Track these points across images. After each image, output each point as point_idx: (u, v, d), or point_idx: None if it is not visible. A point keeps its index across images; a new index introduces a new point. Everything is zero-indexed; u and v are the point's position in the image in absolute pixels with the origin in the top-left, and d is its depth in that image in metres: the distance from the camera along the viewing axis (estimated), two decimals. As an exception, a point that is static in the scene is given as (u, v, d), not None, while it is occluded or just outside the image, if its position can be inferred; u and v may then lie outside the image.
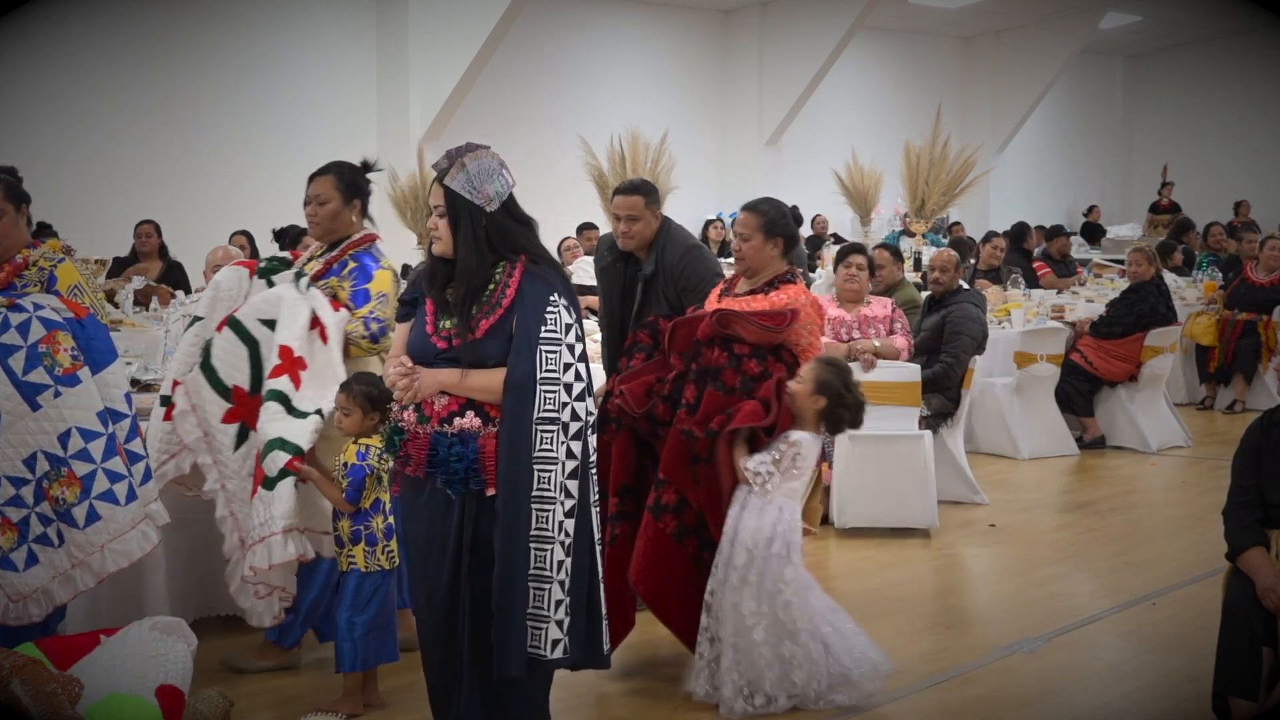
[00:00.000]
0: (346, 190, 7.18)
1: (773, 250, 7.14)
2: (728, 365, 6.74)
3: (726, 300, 7.14)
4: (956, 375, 10.98)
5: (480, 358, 5.26)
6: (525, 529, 5.12)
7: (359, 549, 6.38)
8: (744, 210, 7.23)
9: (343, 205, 7.16)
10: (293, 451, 6.38)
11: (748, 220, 7.13)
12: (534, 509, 5.12)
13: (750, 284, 7.16)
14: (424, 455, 5.31)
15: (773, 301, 7.01)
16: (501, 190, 5.33)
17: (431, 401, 5.32)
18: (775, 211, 7.19)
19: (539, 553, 5.12)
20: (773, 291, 7.08)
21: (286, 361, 6.59)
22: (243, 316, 6.79)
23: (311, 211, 7.22)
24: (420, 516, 5.45)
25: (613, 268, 8.35)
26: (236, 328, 6.77)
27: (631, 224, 8.04)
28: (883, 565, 9.38)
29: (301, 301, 6.74)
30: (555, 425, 5.14)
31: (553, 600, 5.12)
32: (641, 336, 7.23)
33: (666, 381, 6.84)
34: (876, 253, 12.03)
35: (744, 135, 25.49)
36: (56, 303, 6.24)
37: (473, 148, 5.38)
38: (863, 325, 10.52)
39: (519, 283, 5.29)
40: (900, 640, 7.77)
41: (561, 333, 5.21)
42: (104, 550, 6.14)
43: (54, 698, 5.05)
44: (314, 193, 7.21)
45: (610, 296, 8.43)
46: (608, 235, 8.60)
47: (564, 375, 5.17)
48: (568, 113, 22.44)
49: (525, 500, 5.12)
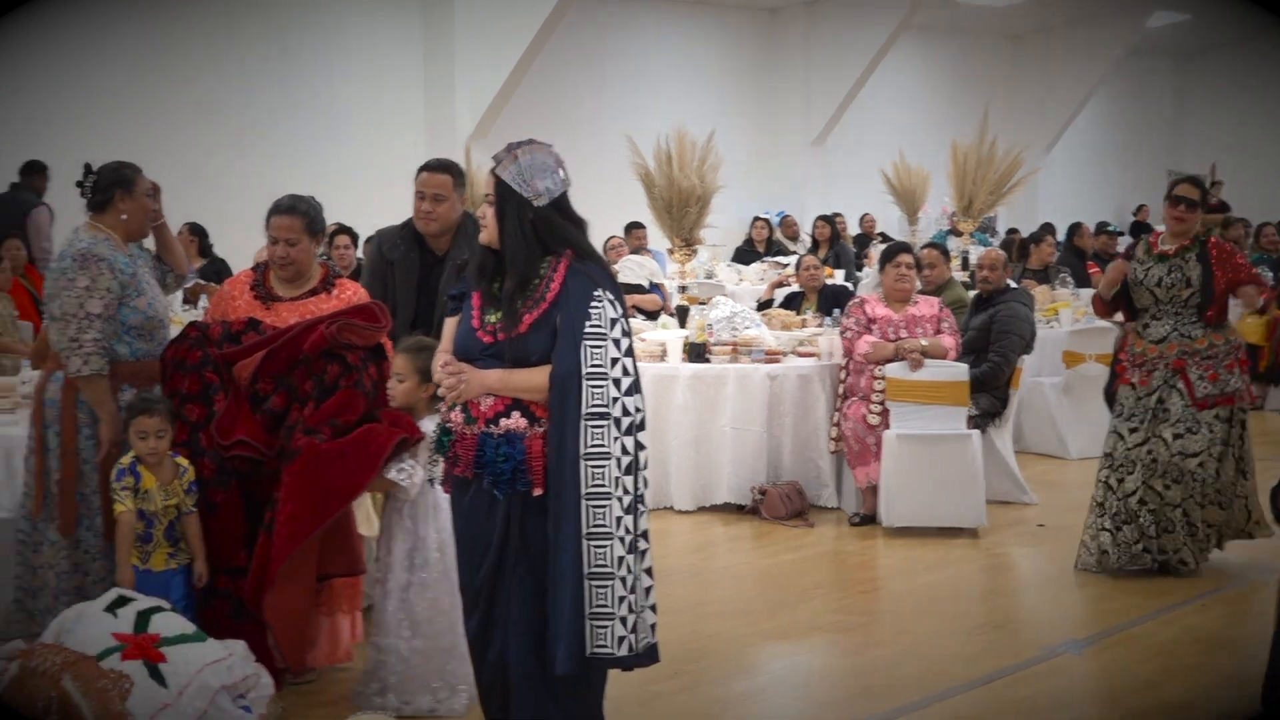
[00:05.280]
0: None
1: (316, 249, 7.05)
2: (341, 377, 6.60)
3: (280, 306, 6.95)
4: (1004, 374, 10.95)
5: (524, 353, 5.24)
6: (577, 525, 5.10)
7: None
8: (285, 215, 6.98)
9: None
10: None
11: (293, 224, 6.94)
12: (590, 505, 5.09)
13: (300, 287, 7.04)
14: (471, 456, 5.31)
15: (347, 300, 6.96)
16: (552, 187, 5.31)
17: (478, 402, 5.31)
18: (315, 210, 7.06)
19: (598, 550, 5.09)
20: (335, 290, 7.04)
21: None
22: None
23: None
24: (466, 516, 5.45)
25: (406, 257, 7.94)
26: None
27: (437, 204, 7.72)
28: (930, 565, 9.36)
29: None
30: (606, 420, 5.11)
31: (616, 597, 5.09)
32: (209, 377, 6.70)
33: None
34: (924, 252, 12.03)
35: (790, 134, 25.45)
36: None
37: (532, 142, 5.38)
38: (910, 325, 10.51)
39: (563, 278, 5.26)
40: (947, 640, 7.76)
41: (607, 327, 5.18)
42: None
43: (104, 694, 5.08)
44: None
45: (402, 288, 7.94)
46: (388, 228, 8.21)
47: (611, 370, 5.14)
48: (614, 112, 22.43)
49: (575, 496, 5.11)
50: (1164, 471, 8.74)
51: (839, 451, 10.75)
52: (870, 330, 10.54)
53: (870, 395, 10.40)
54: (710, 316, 11.58)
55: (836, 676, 7.37)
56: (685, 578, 9.08)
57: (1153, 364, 8.80)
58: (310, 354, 6.57)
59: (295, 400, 6.57)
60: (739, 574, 9.39)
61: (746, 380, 10.81)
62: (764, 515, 10.55)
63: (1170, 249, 8.80)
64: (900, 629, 8.06)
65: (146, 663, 5.51)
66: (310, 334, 6.57)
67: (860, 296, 11.51)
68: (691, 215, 14.66)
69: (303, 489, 6.29)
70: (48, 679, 5.04)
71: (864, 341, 10.44)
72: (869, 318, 10.60)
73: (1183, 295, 8.72)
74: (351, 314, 6.71)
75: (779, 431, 10.88)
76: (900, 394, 10.15)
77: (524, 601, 5.29)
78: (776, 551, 9.79)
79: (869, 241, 22.83)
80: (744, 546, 10.06)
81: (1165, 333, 8.77)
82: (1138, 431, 8.83)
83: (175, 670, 5.55)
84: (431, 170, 7.77)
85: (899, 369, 10.19)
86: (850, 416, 10.47)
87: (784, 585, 9.00)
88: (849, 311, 10.86)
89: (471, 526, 5.42)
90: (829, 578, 9.34)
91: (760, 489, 10.65)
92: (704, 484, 10.89)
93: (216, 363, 6.65)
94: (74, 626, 5.78)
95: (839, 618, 8.32)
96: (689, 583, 8.99)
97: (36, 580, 6.83)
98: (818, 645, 7.88)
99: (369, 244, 13.18)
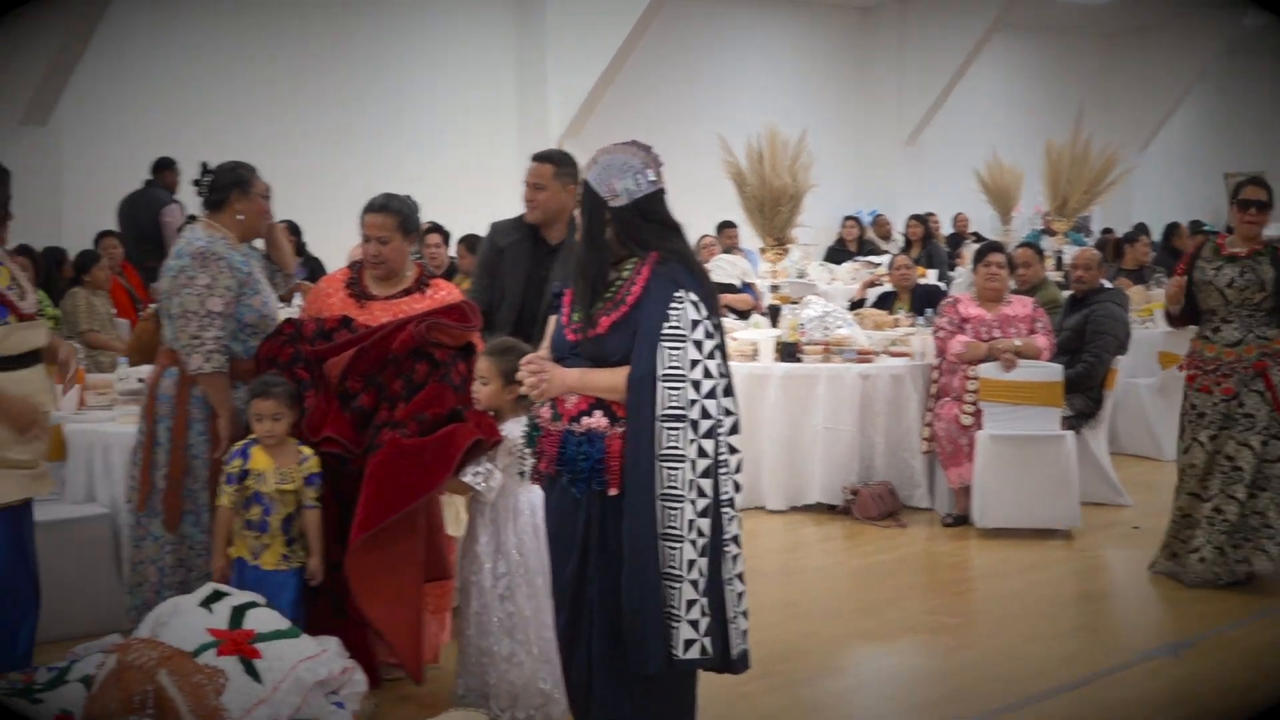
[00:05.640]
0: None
1: (409, 248, 7.05)
2: (429, 376, 6.62)
3: (373, 305, 6.97)
4: (1099, 375, 10.88)
5: (602, 354, 5.24)
6: (650, 526, 5.07)
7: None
8: (377, 213, 7.00)
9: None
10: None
11: (386, 222, 6.95)
12: (664, 507, 5.08)
13: (394, 286, 7.05)
14: (554, 452, 5.32)
15: (440, 300, 6.96)
16: (632, 188, 5.28)
17: (564, 399, 5.32)
18: (409, 209, 7.08)
19: (670, 551, 5.07)
20: (429, 290, 7.04)
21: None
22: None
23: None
24: (554, 513, 5.46)
25: (518, 245, 7.95)
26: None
27: (537, 192, 7.75)
28: (1023, 566, 9.30)
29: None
30: (682, 423, 5.07)
31: (684, 600, 5.05)
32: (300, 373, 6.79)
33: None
34: (1018, 252, 11.95)
35: (883, 133, 25.36)
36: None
37: (628, 144, 5.37)
38: (1003, 324, 10.46)
39: (645, 280, 5.25)
40: (1042, 642, 7.72)
41: (687, 329, 5.15)
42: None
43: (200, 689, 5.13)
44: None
45: (510, 275, 7.93)
46: (504, 219, 8.18)
47: (690, 372, 5.10)
48: (706, 111, 22.39)
49: (649, 497, 5.09)
50: (1251, 479, 8.62)
51: (931, 452, 10.72)
52: (963, 330, 10.49)
53: (963, 395, 10.36)
54: (802, 316, 11.56)
55: (928, 678, 7.34)
56: (776, 578, 9.07)
57: (1230, 368, 8.67)
58: (399, 353, 6.61)
59: (384, 399, 6.60)
60: (830, 574, 9.38)
61: (838, 380, 10.80)
62: (856, 515, 10.53)
63: (1241, 251, 8.68)
64: (993, 631, 8.02)
65: (242, 658, 5.55)
66: (400, 333, 6.60)
67: (953, 296, 11.47)
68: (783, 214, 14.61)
69: (381, 480, 6.33)
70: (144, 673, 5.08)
71: (957, 341, 10.40)
72: (962, 317, 10.55)
73: (1255, 298, 8.59)
74: (441, 313, 6.75)
75: (871, 431, 10.86)
76: (993, 394, 10.11)
77: (604, 601, 5.29)
78: (868, 552, 9.77)
79: (962, 241, 22.72)
80: (835, 547, 10.04)
81: (1240, 335, 8.65)
82: (1218, 438, 8.71)
83: (270, 666, 5.59)
84: (535, 160, 7.84)
85: (992, 369, 10.15)
86: (943, 417, 10.43)
87: (875, 586, 8.98)
88: (942, 311, 10.82)
89: (558, 524, 5.43)
90: (921, 579, 9.31)
91: (852, 489, 10.63)
92: (796, 484, 10.88)
93: (308, 360, 6.70)
94: (169, 621, 5.84)
95: (931, 619, 8.29)
96: (780, 583, 8.97)
97: (138, 575, 6.91)
98: (909, 647, 7.86)
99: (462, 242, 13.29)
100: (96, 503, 7.85)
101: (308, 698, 5.65)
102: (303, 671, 5.67)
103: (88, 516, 7.72)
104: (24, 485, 6.27)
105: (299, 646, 5.78)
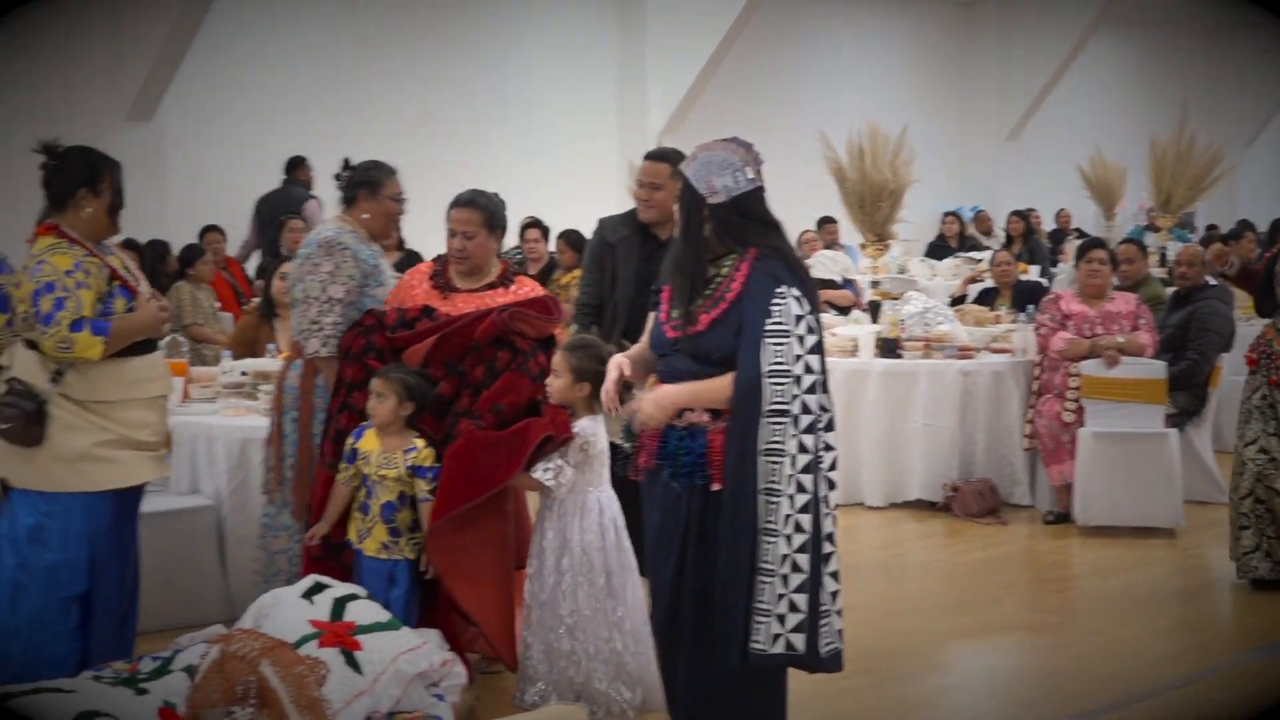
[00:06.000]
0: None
1: (494, 244, 7.04)
2: (511, 364, 6.60)
3: (456, 296, 6.96)
4: (1203, 373, 10.77)
5: (703, 350, 5.25)
6: (750, 521, 5.08)
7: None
8: (463, 208, 7.00)
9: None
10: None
11: (471, 218, 6.94)
12: (765, 501, 5.08)
13: (478, 280, 7.02)
14: (655, 446, 5.33)
15: (523, 295, 6.93)
16: (731, 185, 5.28)
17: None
18: (496, 206, 7.05)
19: (766, 546, 5.07)
20: (513, 286, 7.01)
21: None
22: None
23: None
24: (655, 506, 5.47)
25: (628, 241, 7.84)
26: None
27: (653, 192, 7.61)
28: (1125, 564, 9.24)
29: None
30: (785, 419, 5.07)
31: (774, 595, 5.06)
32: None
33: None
34: (1122, 248, 11.86)
35: (984, 128, 25.22)
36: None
37: (729, 141, 5.37)
38: (1106, 321, 10.38)
39: (745, 276, 5.24)
40: (1145, 641, 7.67)
41: (790, 324, 5.15)
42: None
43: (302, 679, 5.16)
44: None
45: (622, 270, 7.85)
46: (611, 215, 8.14)
47: (794, 367, 5.11)
48: (806, 106, 22.35)
49: (750, 493, 5.09)
50: None
51: (1033, 449, 10.65)
52: (1065, 326, 10.42)
53: (1065, 392, 10.29)
54: (903, 312, 11.51)
55: (1028, 677, 7.31)
56: (875, 574, 9.04)
57: None
58: (481, 341, 6.60)
59: (465, 386, 6.61)
60: (930, 571, 9.35)
61: (939, 376, 10.75)
62: (956, 512, 10.48)
63: None
64: (1094, 629, 7.97)
65: (343, 650, 5.59)
66: (482, 321, 6.62)
67: (1055, 292, 11.40)
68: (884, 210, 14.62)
69: (455, 471, 6.34)
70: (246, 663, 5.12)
71: (1059, 338, 10.33)
72: (1064, 314, 10.48)
73: None
74: (524, 305, 6.76)
75: (972, 428, 10.81)
76: (1096, 391, 10.03)
77: (698, 595, 5.30)
78: (968, 549, 9.73)
79: (1064, 237, 22.55)
80: (935, 543, 10.01)
81: None
82: None
83: (370, 658, 5.62)
84: (650, 159, 7.74)
85: (1095, 366, 10.07)
86: (1044, 413, 10.37)
87: (975, 583, 8.94)
88: (1044, 307, 10.76)
89: (660, 519, 5.44)
90: (1021, 576, 9.27)
91: (952, 485, 10.58)
92: (895, 480, 10.84)
93: (379, 349, 6.71)
94: (271, 612, 5.88)
95: (1031, 617, 8.25)
96: (879, 579, 8.95)
97: (272, 566, 7.05)
98: (1009, 644, 7.82)
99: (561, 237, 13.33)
100: (200, 494, 7.93)
101: (408, 689, 5.67)
102: (403, 663, 5.70)
103: (191, 508, 7.80)
104: (154, 466, 6.44)
105: (400, 639, 5.81)
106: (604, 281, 7.84)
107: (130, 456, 6.28)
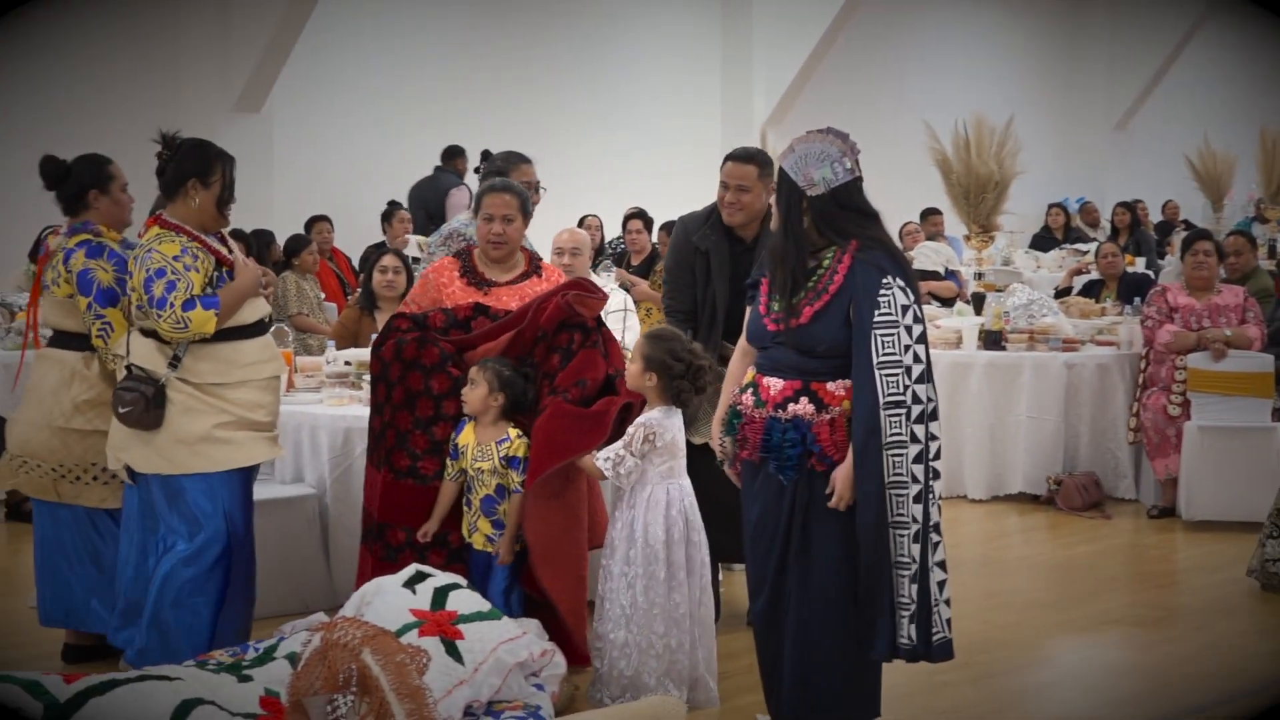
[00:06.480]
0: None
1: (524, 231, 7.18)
2: (585, 344, 6.61)
3: (498, 291, 7.04)
4: (1312, 366, 10.66)
5: (808, 343, 5.26)
6: (882, 515, 5.13)
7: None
8: (502, 193, 7.12)
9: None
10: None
11: (510, 203, 7.06)
12: (891, 494, 5.10)
13: (509, 270, 7.15)
14: (759, 439, 5.34)
15: (555, 282, 7.02)
16: (829, 176, 5.28)
17: (768, 385, 5.35)
18: (526, 193, 7.16)
19: (898, 538, 5.11)
20: (544, 274, 7.13)
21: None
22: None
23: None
24: (755, 499, 5.49)
25: (719, 246, 7.43)
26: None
27: (741, 194, 7.28)
28: (1231, 560, 9.12)
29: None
30: (901, 410, 5.11)
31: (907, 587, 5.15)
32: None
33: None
34: (1230, 240, 11.74)
35: (1091, 119, 25.04)
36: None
37: (826, 132, 5.36)
38: (1213, 314, 10.27)
39: (848, 269, 5.25)
40: (1252, 637, 7.61)
41: (897, 314, 5.16)
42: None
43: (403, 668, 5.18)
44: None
45: (718, 277, 7.45)
46: (693, 214, 7.77)
47: (904, 357, 5.13)
48: (910, 97, 22.25)
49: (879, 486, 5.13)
50: None
51: (1138, 442, 10.57)
52: (1172, 319, 10.33)
53: (1171, 386, 10.19)
54: (1007, 304, 11.45)
55: (1131, 672, 7.25)
56: (978, 567, 9.00)
57: None
58: (547, 328, 6.60)
59: (545, 377, 6.63)
60: (1033, 565, 9.29)
61: (1043, 368, 10.68)
62: (1059, 505, 10.42)
63: None
64: (1199, 625, 7.90)
65: (443, 639, 5.62)
66: (545, 309, 6.64)
67: (1162, 285, 11.30)
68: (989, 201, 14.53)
69: (545, 436, 6.37)
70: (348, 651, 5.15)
71: (1165, 331, 10.24)
72: (1171, 306, 10.38)
73: None
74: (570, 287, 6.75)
75: (1076, 421, 10.74)
76: (1202, 385, 9.94)
77: (801, 587, 5.31)
78: (1072, 543, 9.67)
79: (1172, 229, 22.35)
80: (1038, 537, 9.95)
81: None
82: None
83: (471, 647, 5.66)
84: (736, 160, 7.30)
85: (1201, 359, 9.97)
86: (1150, 407, 10.28)
87: (1079, 577, 8.88)
88: (1150, 300, 10.66)
89: (762, 511, 5.45)
90: (1125, 571, 9.20)
91: (1056, 479, 10.52)
92: (998, 473, 10.78)
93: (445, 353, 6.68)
94: (373, 600, 5.93)
95: (1135, 612, 8.19)
96: (981, 572, 8.91)
97: None
98: (1112, 640, 7.76)
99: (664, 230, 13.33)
100: (304, 483, 7.99)
101: (508, 679, 5.70)
102: (503, 653, 5.73)
103: (296, 496, 7.85)
104: (270, 447, 6.63)
105: (500, 628, 5.84)
106: (695, 286, 7.53)
107: (247, 437, 6.46)
